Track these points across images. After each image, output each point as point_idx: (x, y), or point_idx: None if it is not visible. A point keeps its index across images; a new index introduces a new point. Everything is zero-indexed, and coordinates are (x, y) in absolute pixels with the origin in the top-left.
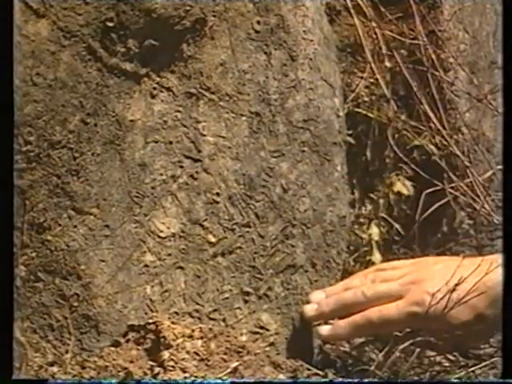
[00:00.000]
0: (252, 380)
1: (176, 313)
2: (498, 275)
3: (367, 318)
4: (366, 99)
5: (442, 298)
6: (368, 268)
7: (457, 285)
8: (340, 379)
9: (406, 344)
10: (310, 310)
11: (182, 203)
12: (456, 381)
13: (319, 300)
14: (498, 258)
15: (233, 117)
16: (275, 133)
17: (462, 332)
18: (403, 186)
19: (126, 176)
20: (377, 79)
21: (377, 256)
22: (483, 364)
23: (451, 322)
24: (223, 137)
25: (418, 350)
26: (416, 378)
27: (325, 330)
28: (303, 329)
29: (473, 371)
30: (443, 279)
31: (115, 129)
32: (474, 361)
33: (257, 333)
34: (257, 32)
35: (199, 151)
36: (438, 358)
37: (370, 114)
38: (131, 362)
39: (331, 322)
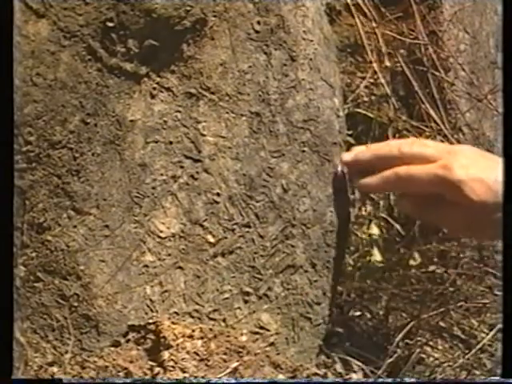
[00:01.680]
0: (252, 380)
1: (176, 313)
2: None
3: (395, 172)
4: (366, 99)
5: (469, 171)
6: (368, 268)
7: (486, 166)
8: (340, 379)
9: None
10: (347, 155)
11: (182, 203)
12: (456, 381)
13: (358, 149)
14: None
15: (233, 117)
16: (275, 133)
17: (479, 213)
18: None
19: (126, 176)
20: (377, 79)
21: (377, 256)
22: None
23: (469, 194)
24: (223, 137)
25: (418, 350)
26: (416, 378)
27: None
28: (303, 329)
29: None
30: (478, 162)
31: (115, 129)
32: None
33: (257, 333)
34: (257, 32)
35: (199, 151)
36: (438, 355)
37: (370, 114)
38: (131, 362)
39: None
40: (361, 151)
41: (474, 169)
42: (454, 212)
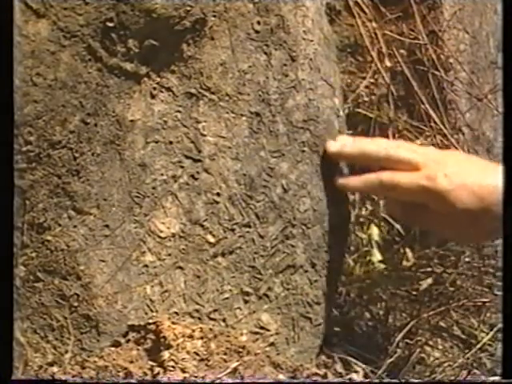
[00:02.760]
0: (253, 380)
1: (176, 313)
2: None
3: (378, 178)
4: (366, 99)
5: (452, 179)
6: (368, 268)
7: (470, 172)
8: (340, 379)
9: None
10: (332, 145)
11: (183, 203)
12: (456, 381)
13: (345, 141)
14: None
15: (233, 117)
16: (275, 133)
17: (463, 219)
18: None
19: (126, 176)
20: (377, 79)
21: (377, 256)
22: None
23: (456, 203)
24: (223, 137)
25: (418, 350)
26: (416, 378)
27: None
28: (303, 329)
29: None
30: (463, 168)
31: (115, 129)
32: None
33: (257, 333)
34: (257, 32)
35: (199, 151)
36: (438, 355)
37: (370, 114)
38: (131, 362)
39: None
40: (347, 144)
41: (458, 176)
42: (440, 218)
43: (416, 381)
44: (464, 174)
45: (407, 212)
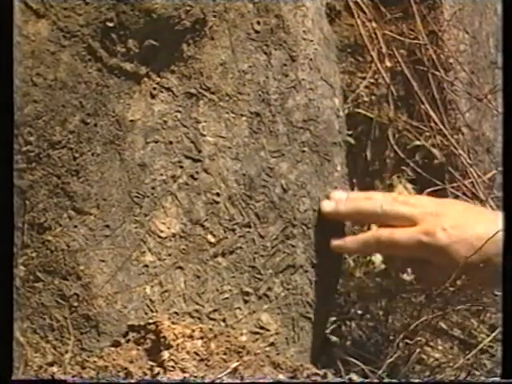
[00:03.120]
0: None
1: (176, 313)
2: None
3: (376, 236)
4: (366, 99)
5: (451, 232)
6: (368, 269)
7: (468, 224)
8: (340, 379)
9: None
10: (327, 205)
11: (182, 203)
12: (456, 381)
13: (339, 199)
14: None
15: (233, 117)
16: (275, 133)
17: (464, 271)
18: (404, 189)
19: (126, 176)
20: (377, 79)
21: (377, 256)
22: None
23: (455, 257)
24: (223, 137)
25: (418, 350)
26: (416, 378)
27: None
28: (303, 329)
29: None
30: (461, 220)
31: (115, 129)
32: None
33: (257, 333)
34: (257, 32)
35: (199, 151)
36: (438, 355)
37: (371, 114)
38: (131, 362)
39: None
40: (342, 202)
41: (456, 230)
42: (442, 272)
43: (416, 381)
44: (462, 227)
45: (408, 267)
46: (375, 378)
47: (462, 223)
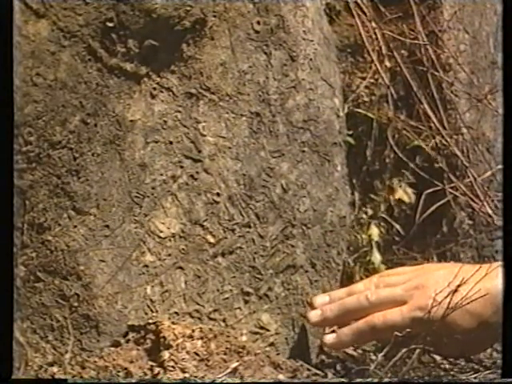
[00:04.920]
0: (253, 380)
1: (176, 313)
2: (499, 282)
3: (371, 324)
4: (366, 99)
5: (443, 302)
6: (368, 268)
7: (458, 286)
8: (340, 379)
9: (407, 348)
10: (314, 315)
11: (182, 203)
12: (456, 381)
13: (323, 305)
14: (499, 265)
15: (233, 117)
16: (275, 133)
17: (463, 338)
18: (404, 194)
19: (126, 176)
20: (377, 79)
21: (377, 256)
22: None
23: (452, 327)
24: (223, 137)
25: (418, 350)
26: (416, 379)
27: (329, 338)
28: (303, 329)
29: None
30: (446, 284)
31: (115, 129)
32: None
33: (257, 333)
34: (257, 32)
35: (199, 151)
36: (439, 359)
37: (370, 115)
38: (131, 362)
39: (335, 329)
40: (327, 308)
41: (447, 297)
42: (442, 341)
43: (416, 381)
44: (449, 291)
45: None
46: (375, 377)
47: (451, 289)
